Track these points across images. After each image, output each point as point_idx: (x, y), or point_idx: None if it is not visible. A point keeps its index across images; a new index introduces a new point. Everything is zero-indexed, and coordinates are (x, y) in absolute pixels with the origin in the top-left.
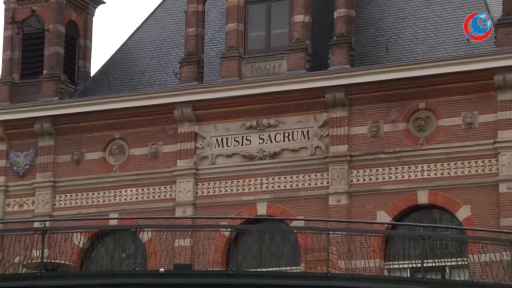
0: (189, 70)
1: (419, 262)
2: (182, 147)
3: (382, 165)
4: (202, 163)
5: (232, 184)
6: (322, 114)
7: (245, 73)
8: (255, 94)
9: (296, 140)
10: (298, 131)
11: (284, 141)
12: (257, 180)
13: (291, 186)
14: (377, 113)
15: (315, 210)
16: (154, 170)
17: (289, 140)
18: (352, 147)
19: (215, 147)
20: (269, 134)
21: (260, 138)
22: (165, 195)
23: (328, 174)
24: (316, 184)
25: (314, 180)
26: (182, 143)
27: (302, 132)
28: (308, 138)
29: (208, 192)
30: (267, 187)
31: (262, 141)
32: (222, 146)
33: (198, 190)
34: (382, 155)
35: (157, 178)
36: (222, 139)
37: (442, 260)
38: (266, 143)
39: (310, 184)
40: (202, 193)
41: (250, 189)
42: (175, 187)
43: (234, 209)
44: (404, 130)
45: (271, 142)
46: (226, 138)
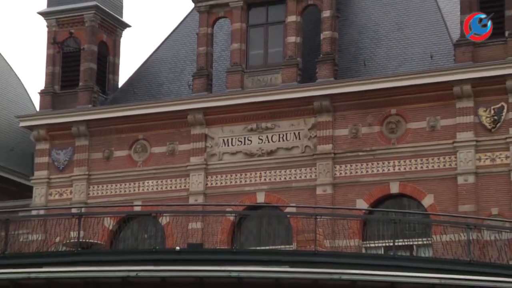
0: (200, 82)
1: (391, 241)
2: (195, 146)
3: (361, 161)
4: (211, 160)
5: (236, 177)
6: (311, 119)
7: (247, 84)
8: (255, 102)
9: (289, 140)
10: (291, 133)
11: (279, 141)
12: (256, 173)
13: (285, 179)
14: (356, 118)
15: (305, 198)
16: (171, 165)
17: (283, 140)
18: (335, 146)
19: (222, 146)
20: (267, 135)
21: (259, 139)
22: (180, 186)
23: (316, 169)
24: (306, 177)
25: (304, 173)
26: (195, 143)
27: (294, 133)
28: (299, 139)
29: (216, 183)
30: (265, 179)
31: (261, 141)
32: (228, 145)
33: (208, 182)
34: (360, 153)
35: (173, 172)
36: (227, 140)
37: (410, 240)
38: (264, 143)
39: (300, 177)
40: (211, 184)
41: (251, 181)
42: (189, 179)
43: (237, 197)
44: (378, 132)
45: (269, 142)
46: (231, 139)
